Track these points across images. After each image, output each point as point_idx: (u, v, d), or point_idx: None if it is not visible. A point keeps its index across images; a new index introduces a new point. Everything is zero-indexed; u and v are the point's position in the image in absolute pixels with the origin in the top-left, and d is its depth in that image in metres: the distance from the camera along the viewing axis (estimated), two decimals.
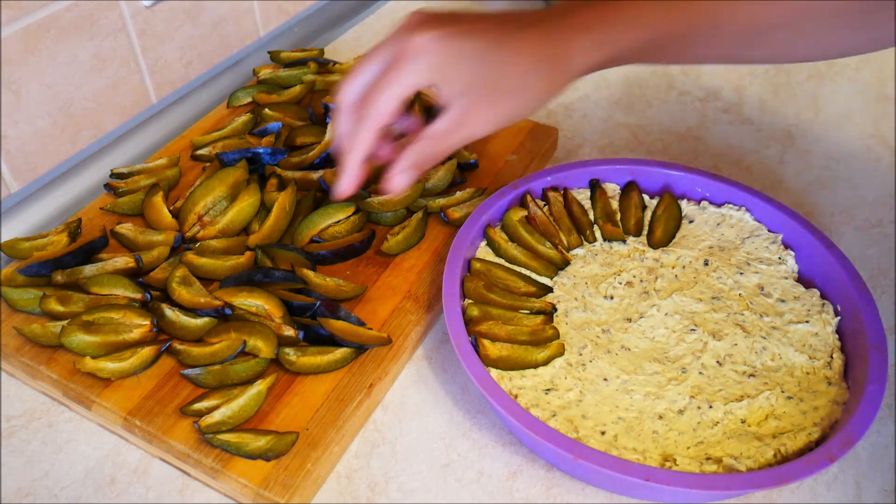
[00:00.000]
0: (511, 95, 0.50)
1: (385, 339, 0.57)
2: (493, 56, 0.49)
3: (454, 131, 0.51)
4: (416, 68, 0.48)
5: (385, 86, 0.49)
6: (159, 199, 0.66)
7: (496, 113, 0.51)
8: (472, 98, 0.50)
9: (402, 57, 0.49)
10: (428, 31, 0.48)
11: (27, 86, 0.66)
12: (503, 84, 0.50)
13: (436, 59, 0.48)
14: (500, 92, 0.50)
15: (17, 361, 0.56)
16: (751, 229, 0.63)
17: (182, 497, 0.51)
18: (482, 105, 0.50)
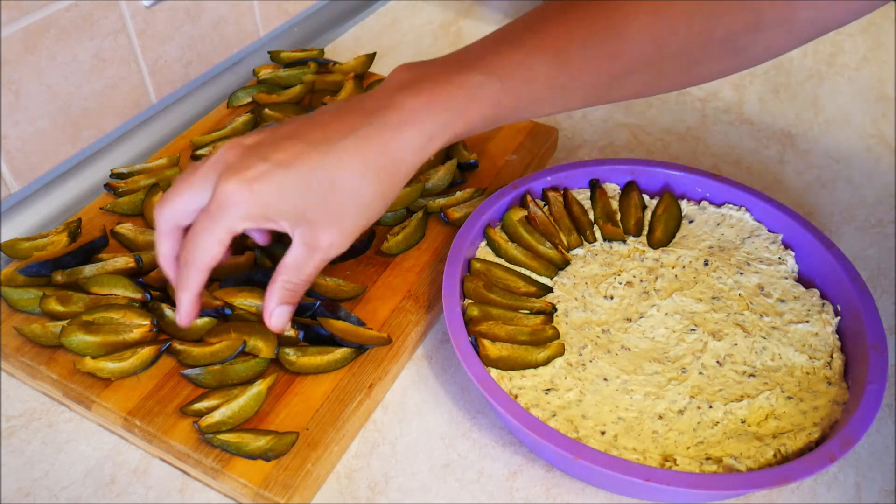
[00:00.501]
0: (349, 209, 0.49)
1: (385, 338, 0.57)
2: (316, 178, 0.47)
3: (308, 259, 0.50)
4: (234, 217, 0.47)
5: (206, 233, 0.48)
6: None
7: (342, 229, 0.49)
8: (311, 224, 0.48)
9: (217, 205, 0.47)
10: (234, 178, 0.46)
11: (27, 86, 0.66)
12: (337, 201, 0.48)
13: (250, 207, 0.47)
14: (336, 210, 0.48)
15: (17, 361, 0.56)
16: (751, 229, 0.63)
17: (182, 497, 0.51)
18: (324, 227, 0.48)
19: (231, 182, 0.46)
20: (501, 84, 0.50)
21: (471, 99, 0.49)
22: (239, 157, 0.48)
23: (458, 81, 0.49)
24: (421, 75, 0.50)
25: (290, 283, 0.51)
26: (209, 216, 0.48)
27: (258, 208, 0.47)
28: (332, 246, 0.50)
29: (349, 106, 0.50)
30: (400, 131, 0.48)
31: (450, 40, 0.95)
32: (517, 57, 0.51)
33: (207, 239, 0.48)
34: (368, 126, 0.48)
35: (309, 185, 0.47)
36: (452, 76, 0.50)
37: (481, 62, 0.50)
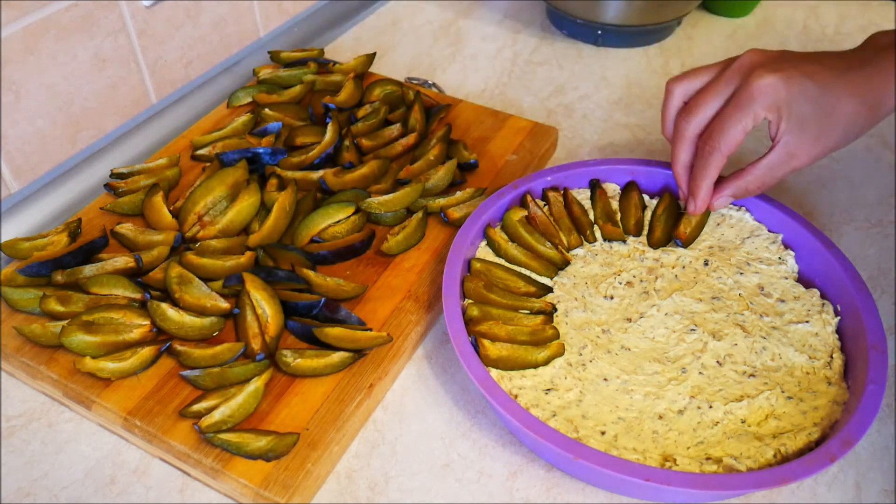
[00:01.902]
0: (834, 133, 0.56)
1: (385, 338, 0.56)
2: (824, 98, 0.55)
3: (784, 164, 0.57)
4: (761, 106, 0.54)
5: (734, 121, 0.55)
6: (159, 199, 0.66)
7: (820, 148, 0.56)
8: (802, 135, 0.55)
9: (748, 95, 0.55)
10: (771, 75, 0.54)
11: (27, 86, 0.66)
12: (830, 123, 0.55)
13: (777, 99, 0.54)
14: (826, 130, 0.56)
15: (17, 361, 0.56)
16: (751, 229, 0.63)
17: (182, 497, 0.51)
18: (810, 141, 0.56)
19: (769, 76, 0.54)
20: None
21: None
22: (769, 59, 0.56)
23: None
24: None
25: (757, 181, 0.58)
26: (738, 106, 0.55)
27: (782, 101, 0.54)
28: (807, 158, 0.56)
29: (847, 53, 0.58)
30: (888, 80, 0.56)
31: (450, 40, 0.95)
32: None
33: (735, 126, 0.55)
34: (869, 67, 0.56)
35: (818, 101, 0.55)
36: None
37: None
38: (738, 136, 0.55)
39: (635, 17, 0.89)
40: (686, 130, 0.58)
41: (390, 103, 0.78)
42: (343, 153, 0.71)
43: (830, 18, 1.00)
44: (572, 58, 0.92)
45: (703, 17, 1.00)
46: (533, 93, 0.86)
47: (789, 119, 0.55)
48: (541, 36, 0.96)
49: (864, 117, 0.56)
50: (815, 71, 0.55)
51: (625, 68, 0.91)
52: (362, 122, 0.75)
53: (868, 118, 0.57)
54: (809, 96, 0.55)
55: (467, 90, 0.87)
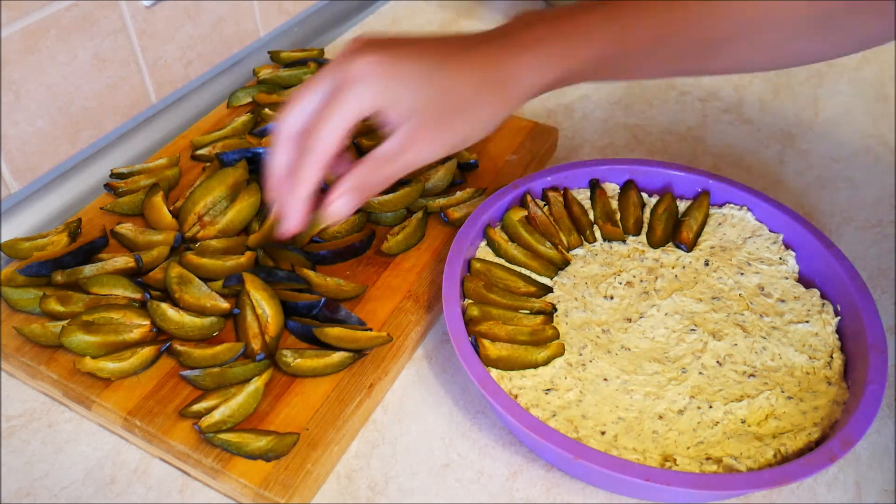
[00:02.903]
0: (458, 118, 0.49)
1: (385, 337, 0.56)
2: (438, 77, 0.48)
3: (400, 155, 0.49)
4: (359, 93, 0.47)
5: (329, 115, 0.47)
6: (159, 199, 0.66)
7: (444, 137, 0.49)
8: (419, 121, 0.48)
9: (344, 83, 0.47)
10: (369, 55, 0.47)
11: (27, 86, 0.66)
12: (450, 106, 0.48)
13: (379, 82, 0.47)
14: (447, 115, 0.49)
15: (17, 361, 0.56)
16: (752, 229, 0.63)
17: (182, 497, 0.51)
18: (430, 128, 0.49)
19: (367, 57, 0.46)
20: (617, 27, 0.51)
21: (585, 37, 0.51)
22: (368, 45, 0.48)
23: (574, 20, 0.51)
24: (539, 16, 0.52)
25: (371, 174, 0.49)
26: (337, 96, 0.47)
27: (386, 87, 0.47)
28: (429, 149, 0.49)
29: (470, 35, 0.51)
30: (517, 54, 0.49)
31: None
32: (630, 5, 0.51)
33: (331, 121, 0.47)
34: (487, 45, 0.49)
35: (432, 80, 0.48)
36: (568, 16, 0.51)
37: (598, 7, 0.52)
38: (336, 132, 0.47)
39: None
40: (279, 131, 0.50)
41: None
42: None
43: None
44: None
45: None
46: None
47: (397, 104, 0.47)
48: None
49: (493, 99, 0.49)
50: (425, 50, 0.48)
51: None
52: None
53: (497, 99, 0.49)
54: (419, 77, 0.47)
55: None
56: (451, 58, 0.48)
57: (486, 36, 0.50)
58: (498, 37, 0.50)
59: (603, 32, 0.51)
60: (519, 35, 0.50)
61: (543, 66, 0.50)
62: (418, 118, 0.48)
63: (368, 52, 0.47)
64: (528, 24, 0.51)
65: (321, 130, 0.47)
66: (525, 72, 0.50)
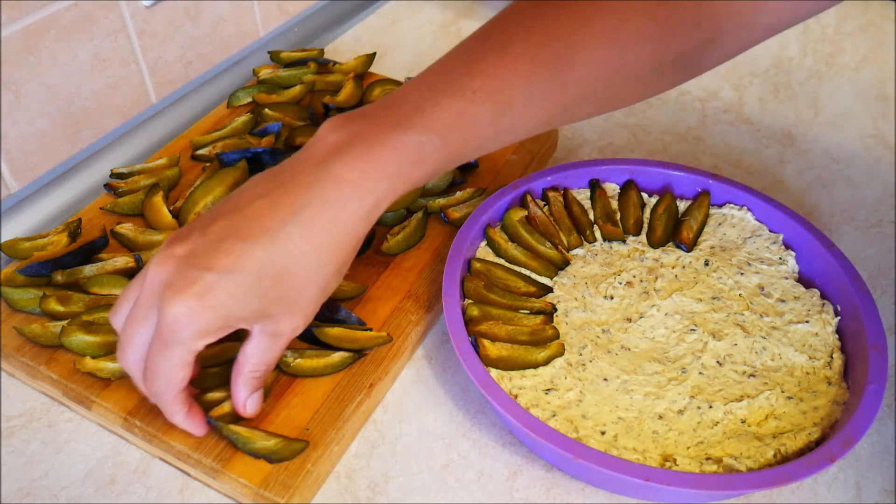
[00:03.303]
0: (306, 293, 0.47)
1: (385, 337, 0.56)
2: (268, 275, 0.44)
3: (272, 346, 0.48)
4: (188, 337, 0.44)
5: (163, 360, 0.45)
6: (159, 199, 0.66)
7: (303, 313, 0.48)
8: (271, 317, 0.46)
9: (169, 331, 0.43)
10: (181, 297, 0.43)
11: (27, 86, 0.66)
12: (293, 290, 0.46)
13: (206, 322, 0.43)
14: (293, 297, 0.46)
15: (17, 361, 0.56)
16: (752, 229, 0.63)
17: (182, 497, 0.51)
18: (284, 316, 0.46)
19: (178, 303, 0.43)
20: (442, 140, 0.47)
21: (412, 162, 0.47)
22: (177, 271, 0.44)
23: (395, 143, 0.46)
24: (353, 136, 0.46)
25: (257, 373, 0.49)
26: (163, 343, 0.44)
27: (215, 321, 0.44)
28: (295, 330, 0.48)
29: (280, 183, 0.46)
30: (343, 206, 0.45)
31: (450, 40, 0.95)
32: (457, 107, 0.47)
33: (167, 366, 0.45)
34: (308, 206, 0.45)
35: (262, 283, 0.44)
36: (388, 136, 0.46)
37: (418, 118, 0.47)
38: (179, 373, 0.45)
39: None
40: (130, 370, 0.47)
41: None
42: None
43: (830, 18, 1.00)
44: None
45: None
46: None
47: (239, 321, 0.45)
48: None
49: (326, 257, 0.46)
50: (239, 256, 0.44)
51: None
52: None
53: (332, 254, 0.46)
54: (245, 293, 0.44)
55: None
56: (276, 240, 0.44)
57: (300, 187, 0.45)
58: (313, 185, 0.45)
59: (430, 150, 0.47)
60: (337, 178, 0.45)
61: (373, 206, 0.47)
62: (270, 314, 0.46)
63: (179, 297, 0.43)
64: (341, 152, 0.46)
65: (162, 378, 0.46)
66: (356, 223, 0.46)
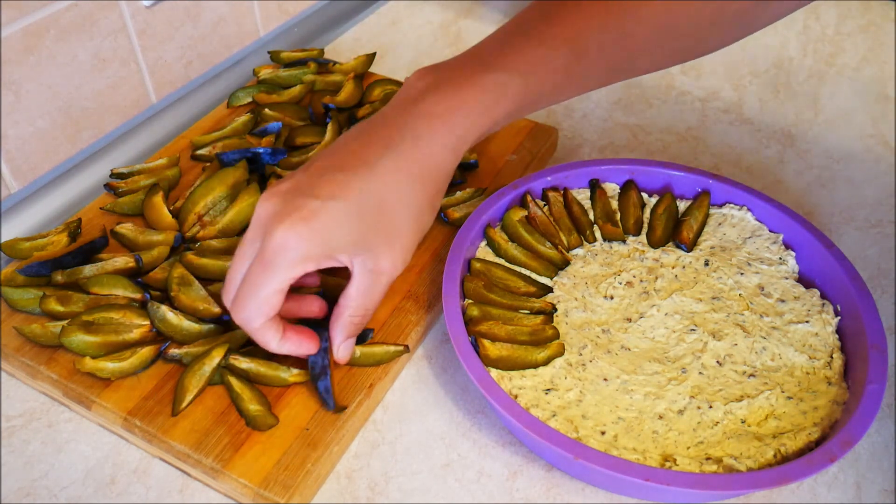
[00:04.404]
0: (402, 225, 0.49)
1: (402, 350, 0.56)
2: (366, 204, 0.47)
3: (373, 286, 0.49)
4: (290, 261, 0.46)
5: (259, 287, 0.46)
6: (159, 199, 0.66)
7: (401, 247, 0.49)
8: (370, 251, 0.48)
9: (271, 255, 0.46)
10: (287, 220, 0.45)
11: (27, 86, 0.66)
12: (390, 221, 0.48)
13: (310, 246, 0.46)
14: (391, 229, 0.48)
15: (17, 361, 0.56)
16: (752, 229, 0.63)
17: (182, 497, 0.51)
18: (383, 250, 0.48)
19: (284, 227, 0.45)
20: (523, 80, 0.51)
21: (495, 99, 0.50)
22: (282, 202, 0.46)
23: (482, 83, 0.50)
24: (442, 79, 0.51)
25: (356, 317, 0.51)
26: (264, 266, 0.46)
27: (318, 246, 0.46)
28: (394, 267, 0.49)
29: (375, 124, 0.50)
30: (432, 139, 0.49)
31: (450, 40, 0.95)
32: (537, 51, 0.51)
33: (263, 291, 0.46)
34: (401, 141, 0.48)
35: (361, 211, 0.47)
36: (475, 77, 0.50)
37: (501, 59, 0.51)
38: (272, 299, 0.47)
39: None
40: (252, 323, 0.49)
41: None
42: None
43: (830, 18, 1.00)
44: None
45: None
46: None
47: (340, 251, 0.47)
48: None
49: (418, 192, 0.49)
50: (340, 189, 0.47)
51: None
52: None
53: (423, 189, 0.50)
54: (346, 220, 0.46)
55: None
56: (373, 172, 0.47)
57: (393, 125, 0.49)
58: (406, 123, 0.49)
59: (513, 89, 0.50)
60: (427, 114, 0.49)
61: (460, 140, 0.50)
62: (369, 246, 0.48)
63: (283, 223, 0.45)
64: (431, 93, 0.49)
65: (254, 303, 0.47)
66: (445, 156, 0.50)
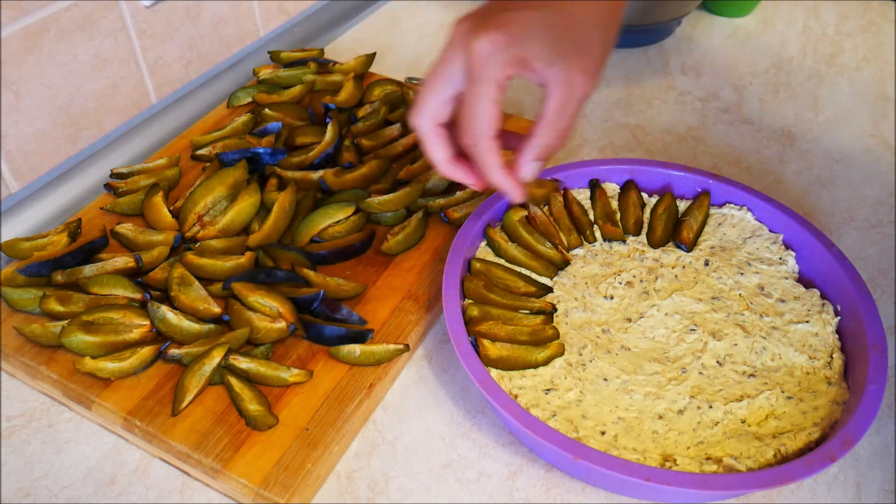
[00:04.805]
0: (591, 34, 0.50)
1: (402, 349, 0.57)
2: (555, 12, 0.49)
3: (569, 97, 0.50)
4: (495, 70, 0.48)
5: (476, 98, 0.49)
6: (159, 199, 0.66)
7: (592, 58, 0.50)
8: (564, 62, 0.49)
9: (475, 66, 0.48)
10: (486, 35, 0.48)
11: (27, 86, 0.66)
12: (579, 29, 0.50)
13: (509, 50, 0.48)
14: (581, 38, 0.50)
15: (17, 361, 0.56)
16: (752, 229, 0.63)
17: (182, 497, 0.51)
18: (575, 62, 0.49)
19: (485, 36, 0.47)
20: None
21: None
22: (478, 19, 0.49)
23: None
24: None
25: (549, 137, 0.51)
26: (474, 79, 0.48)
27: (516, 49, 0.48)
28: (587, 81, 0.50)
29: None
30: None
31: None
32: None
33: (482, 102, 0.48)
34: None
35: (552, 22, 0.48)
36: None
37: None
38: (489, 112, 0.49)
39: (635, 17, 0.89)
40: (420, 128, 0.52)
41: (390, 103, 0.78)
42: (343, 153, 0.71)
43: (830, 18, 1.00)
44: None
45: (703, 17, 1.00)
46: (533, 93, 0.86)
47: (537, 59, 0.48)
48: None
49: (605, 10, 0.51)
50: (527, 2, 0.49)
51: (625, 68, 0.91)
52: (362, 122, 0.75)
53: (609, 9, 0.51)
54: (539, 26, 0.48)
55: None
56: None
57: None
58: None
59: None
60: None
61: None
62: (562, 60, 0.49)
63: (483, 30, 0.48)
64: None
65: (478, 114, 0.49)
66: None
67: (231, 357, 0.54)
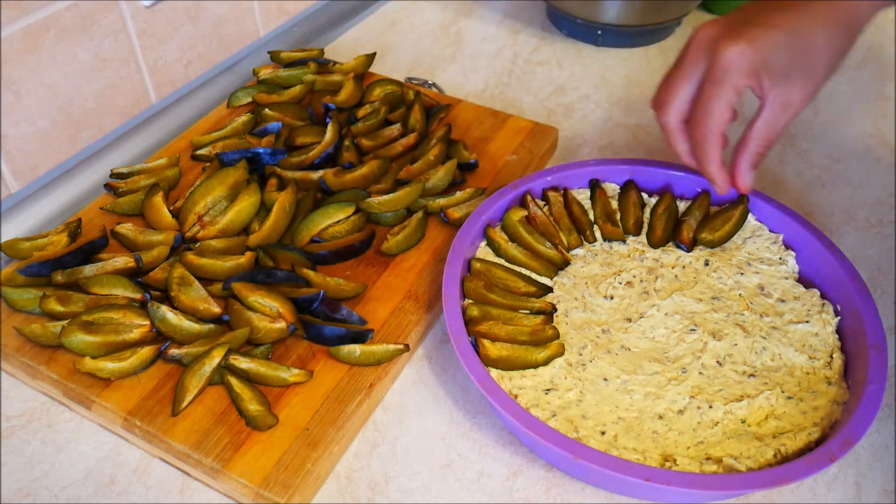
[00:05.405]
0: (818, 67, 0.55)
1: (402, 349, 0.57)
2: (796, 41, 0.53)
3: (782, 114, 0.55)
4: (737, 77, 0.53)
5: (715, 99, 0.54)
6: (159, 199, 0.66)
7: (811, 86, 0.55)
8: (789, 84, 0.54)
9: (721, 70, 0.53)
10: (737, 43, 0.53)
11: (27, 86, 0.66)
12: (812, 58, 0.54)
13: (751, 65, 0.53)
14: (810, 66, 0.54)
15: (17, 361, 0.56)
16: (752, 229, 0.63)
17: (182, 497, 0.51)
18: (798, 85, 0.54)
19: (733, 46, 0.53)
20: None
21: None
22: (726, 27, 0.54)
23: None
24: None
25: (761, 146, 0.56)
26: (715, 83, 0.54)
27: (758, 64, 0.53)
28: (802, 100, 0.55)
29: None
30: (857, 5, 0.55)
31: (450, 40, 0.95)
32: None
33: (718, 104, 0.54)
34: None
35: (792, 42, 0.53)
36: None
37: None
38: (724, 113, 0.55)
39: (635, 17, 0.89)
40: (669, 124, 0.58)
41: (390, 103, 0.78)
42: (343, 153, 0.71)
43: None
44: (572, 58, 0.92)
45: (702, 18, 1.00)
46: (533, 93, 0.86)
47: (770, 76, 0.54)
48: (541, 36, 0.96)
49: (841, 39, 0.55)
50: (776, 20, 0.54)
51: (625, 68, 0.91)
52: (362, 122, 0.75)
53: (845, 38, 0.56)
54: (780, 46, 0.53)
55: (467, 90, 0.87)
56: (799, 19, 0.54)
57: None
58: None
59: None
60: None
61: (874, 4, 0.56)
62: (788, 82, 0.54)
63: (733, 41, 0.53)
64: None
65: (713, 112, 0.54)
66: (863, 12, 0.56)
67: (231, 357, 0.54)
